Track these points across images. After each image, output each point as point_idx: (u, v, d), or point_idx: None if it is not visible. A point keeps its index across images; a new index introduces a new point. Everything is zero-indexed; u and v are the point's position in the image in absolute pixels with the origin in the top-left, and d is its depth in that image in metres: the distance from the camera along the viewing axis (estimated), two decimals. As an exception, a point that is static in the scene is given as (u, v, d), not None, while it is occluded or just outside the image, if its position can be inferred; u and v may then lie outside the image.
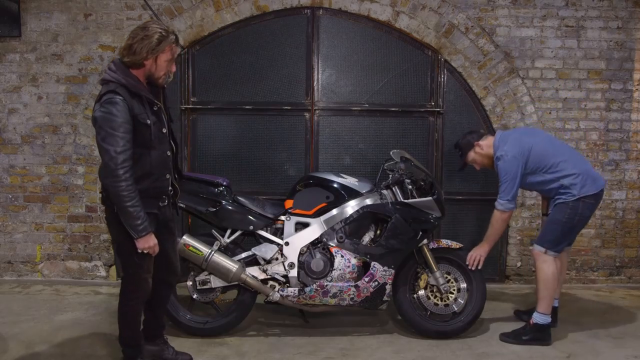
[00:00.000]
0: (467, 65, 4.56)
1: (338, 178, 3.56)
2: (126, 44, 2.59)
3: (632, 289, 4.63)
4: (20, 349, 3.25)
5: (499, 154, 3.42)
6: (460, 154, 3.69)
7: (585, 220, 3.44)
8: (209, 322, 3.47)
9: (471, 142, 3.59)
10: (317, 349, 3.34)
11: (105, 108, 2.51)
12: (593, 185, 3.36)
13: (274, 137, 4.63)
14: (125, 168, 2.51)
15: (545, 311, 3.43)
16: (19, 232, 4.66)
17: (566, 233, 3.41)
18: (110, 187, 2.53)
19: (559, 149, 3.46)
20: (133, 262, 2.73)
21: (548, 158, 3.39)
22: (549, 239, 3.42)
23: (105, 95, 2.53)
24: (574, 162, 3.40)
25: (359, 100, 4.61)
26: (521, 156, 3.37)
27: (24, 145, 4.60)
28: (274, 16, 4.54)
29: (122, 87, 2.55)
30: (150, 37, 2.57)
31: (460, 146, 3.67)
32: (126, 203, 2.53)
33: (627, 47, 4.61)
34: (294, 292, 3.38)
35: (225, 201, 3.45)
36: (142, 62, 2.60)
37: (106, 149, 2.49)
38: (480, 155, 3.58)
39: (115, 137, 2.49)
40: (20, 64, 4.55)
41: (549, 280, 3.40)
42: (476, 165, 3.66)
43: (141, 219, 2.58)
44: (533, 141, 3.43)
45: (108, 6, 4.50)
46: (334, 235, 3.45)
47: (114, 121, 2.50)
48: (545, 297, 3.41)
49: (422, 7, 4.50)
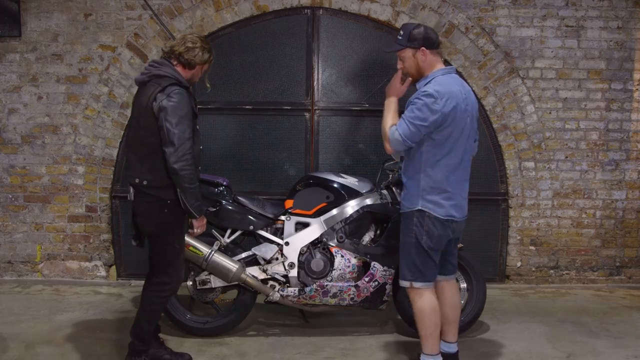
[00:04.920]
0: (467, 65, 4.56)
1: (338, 178, 3.56)
2: (186, 46, 2.85)
3: (632, 289, 4.63)
4: (20, 349, 3.25)
5: (424, 90, 2.72)
6: (399, 40, 2.85)
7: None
8: (209, 322, 3.47)
9: (420, 41, 2.79)
10: (317, 349, 3.34)
11: (174, 97, 2.73)
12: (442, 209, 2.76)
13: (274, 137, 4.63)
14: (192, 153, 2.75)
15: (431, 352, 2.84)
16: (19, 232, 4.66)
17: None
18: (179, 171, 2.72)
19: (465, 157, 2.83)
20: (174, 253, 2.90)
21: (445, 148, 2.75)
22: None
23: (169, 86, 2.75)
24: (457, 178, 2.79)
25: (359, 100, 4.61)
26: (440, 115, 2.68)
27: (24, 145, 4.60)
28: (274, 16, 4.54)
29: (178, 81, 2.80)
30: (205, 48, 2.91)
31: (409, 32, 2.82)
32: (192, 184, 2.77)
33: (627, 47, 4.61)
34: (294, 292, 3.38)
35: (225, 201, 3.45)
36: (195, 65, 2.90)
37: (179, 135, 2.71)
38: (413, 61, 2.83)
39: (185, 124, 2.73)
40: (20, 64, 4.54)
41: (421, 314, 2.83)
42: (400, 63, 2.89)
43: (200, 200, 2.86)
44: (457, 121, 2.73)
45: (108, 6, 4.50)
46: (334, 235, 3.45)
47: (184, 110, 2.74)
48: (424, 335, 2.83)
49: (422, 7, 4.50)
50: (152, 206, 2.82)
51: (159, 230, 2.85)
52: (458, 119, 2.72)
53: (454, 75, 2.85)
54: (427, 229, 2.74)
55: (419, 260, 2.77)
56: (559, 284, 4.71)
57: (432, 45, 2.81)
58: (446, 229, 2.77)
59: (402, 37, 2.84)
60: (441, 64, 2.86)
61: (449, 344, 2.98)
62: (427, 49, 2.80)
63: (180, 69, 2.87)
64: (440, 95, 2.67)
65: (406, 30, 2.84)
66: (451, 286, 2.99)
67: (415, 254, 2.77)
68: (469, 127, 2.80)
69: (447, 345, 2.98)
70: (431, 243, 2.75)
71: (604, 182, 4.68)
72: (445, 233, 2.77)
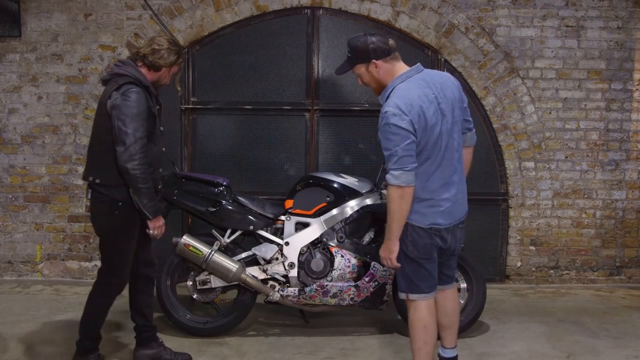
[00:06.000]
0: (467, 65, 4.55)
1: (338, 178, 3.56)
2: (152, 48, 2.84)
3: (632, 289, 4.63)
4: (20, 349, 3.25)
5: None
6: (349, 57, 2.70)
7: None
8: (209, 322, 3.47)
9: (368, 55, 2.61)
10: (317, 349, 3.34)
11: (127, 96, 2.70)
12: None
13: (274, 137, 4.63)
14: (144, 152, 2.72)
15: None
16: (19, 232, 4.65)
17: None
18: (130, 170, 2.69)
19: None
20: (120, 254, 2.86)
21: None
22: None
23: (125, 85, 2.73)
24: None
25: (359, 100, 4.61)
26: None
27: (24, 145, 4.60)
28: (274, 16, 4.54)
29: (137, 80, 2.77)
30: (172, 51, 2.87)
31: (354, 48, 2.65)
32: (144, 185, 2.73)
33: (627, 47, 4.61)
34: (294, 292, 3.38)
35: (225, 201, 3.45)
36: (161, 67, 2.87)
37: (129, 134, 2.68)
38: (368, 76, 2.68)
39: (136, 123, 2.69)
40: (20, 64, 4.54)
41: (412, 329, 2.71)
42: (359, 79, 2.75)
43: (154, 200, 2.82)
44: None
45: (108, 6, 4.50)
46: (334, 235, 3.46)
47: (135, 108, 2.70)
48: (413, 349, 2.69)
49: (422, 7, 4.50)
50: (102, 206, 2.81)
51: (107, 230, 2.84)
52: (429, 124, 2.50)
53: (414, 79, 2.58)
54: (412, 239, 2.60)
55: (410, 271, 2.64)
56: (559, 284, 4.71)
57: (382, 54, 2.59)
58: (431, 237, 2.60)
59: (349, 55, 2.67)
60: (401, 69, 2.63)
61: (446, 349, 2.88)
62: (378, 60, 2.59)
63: (145, 70, 2.85)
64: (402, 109, 2.46)
65: (351, 46, 2.66)
66: (445, 295, 2.83)
67: (405, 264, 2.64)
68: (449, 124, 2.56)
69: (445, 350, 2.89)
70: (418, 252, 2.60)
71: (604, 182, 4.68)
72: (432, 241, 2.61)
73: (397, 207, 2.52)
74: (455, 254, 2.81)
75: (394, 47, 2.65)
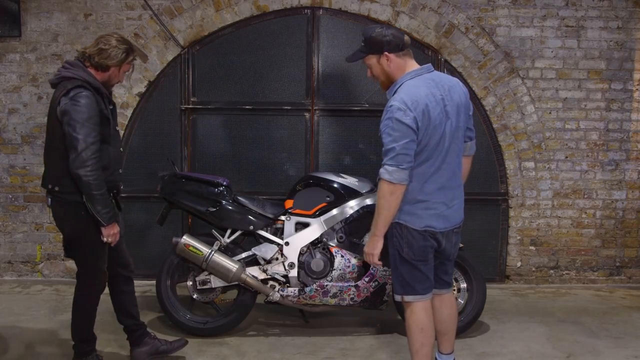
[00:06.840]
0: (467, 65, 4.56)
1: (338, 178, 3.56)
2: (99, 47, 2.75)
3: (632, 289, 4.63)
4: (20, 349, 3.25)
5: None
6: (362, 46, 2.69)
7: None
8: (209, 322, 3.47)
9: (381, 47, 2.60)
10: (317, 349, 3.34)
11: (76, 101, 2.63)
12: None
13: (274, 137, 4.63)
14: (96, 158, 2.65)
15: None
16: (19, 232, 4.65)
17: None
18: (83, 177, 2.63)
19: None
20: (93, 255, 2.82)
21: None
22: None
23: (73, 89, 2.65)
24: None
25: (359, 100, 4.61)
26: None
27: (24, 145, 4.60)
28: (274, 16, 4.53)
29: (86, 83, 2.69)
30: (121, 48, 2.78)
31: (368, 38, 2.65)
32: (97, 191, 2.66)
33: (627, 47, 4.61)
34: (294, 292, 3.38)
35: (225, 201, 3.45)
36: (109, 67, 2.78)
37: (80, 140, 2.61)
38: (379, 68, 2.66)
39: (87, 128, 2.63)
40: (20, 64, 4.54)
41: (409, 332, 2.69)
42: (369, 71, 2.74)
43: (109, 207, 2.74)
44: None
45: (108, 6, 4.50)
46: (334, 235, 3.46)
47: (86, 113, 2.63)
48: (411, 351, 2.67)
49: (422, 7, 4.50)
50: (67, 209, 2.77)
51: (77, 232, 2.79)
52: (433, 124, 2.48)
53: (423, 77, 2.57)
54: (407, 240, 2.58)
55: (405, 273, 2.61)
56: (559, 284, 4.71)
57: (395, 49, 2.58)
58: (426, 239, 2.58)
59: (363, 44, 2.66)
60: (412, 66, 2.62)
61: (442, 355, 2.85)
62: (391, 53, 2.58)
63: (93, 71, 2.76)
64: (408, 105, 2.44)
65: (366, 36, 2.64)
66: (442, 300, 2.79)
67: (401, 265, 2.62)
68: (453, 127, 2.54)
69: (441, 356, 2.85)
70: (412, 254, 2.58)
71: (604, 182, 4.68)
72: (427, 243, 2.58)
73: (386, 202, 2.49)
74: (451, 259, 2.78)
75: (408, 43, 2.64)
